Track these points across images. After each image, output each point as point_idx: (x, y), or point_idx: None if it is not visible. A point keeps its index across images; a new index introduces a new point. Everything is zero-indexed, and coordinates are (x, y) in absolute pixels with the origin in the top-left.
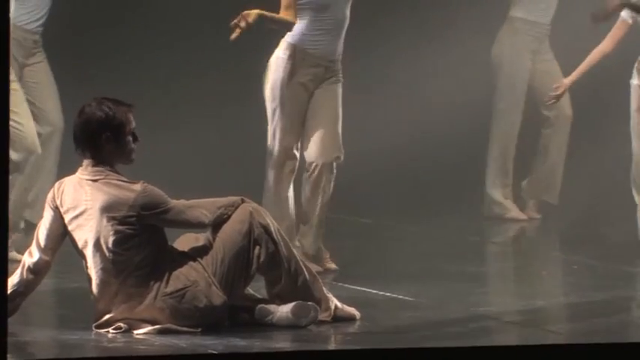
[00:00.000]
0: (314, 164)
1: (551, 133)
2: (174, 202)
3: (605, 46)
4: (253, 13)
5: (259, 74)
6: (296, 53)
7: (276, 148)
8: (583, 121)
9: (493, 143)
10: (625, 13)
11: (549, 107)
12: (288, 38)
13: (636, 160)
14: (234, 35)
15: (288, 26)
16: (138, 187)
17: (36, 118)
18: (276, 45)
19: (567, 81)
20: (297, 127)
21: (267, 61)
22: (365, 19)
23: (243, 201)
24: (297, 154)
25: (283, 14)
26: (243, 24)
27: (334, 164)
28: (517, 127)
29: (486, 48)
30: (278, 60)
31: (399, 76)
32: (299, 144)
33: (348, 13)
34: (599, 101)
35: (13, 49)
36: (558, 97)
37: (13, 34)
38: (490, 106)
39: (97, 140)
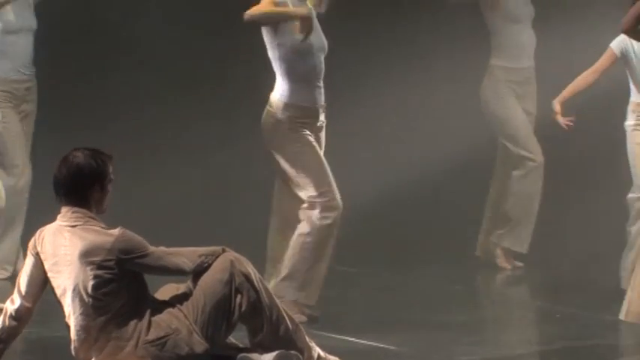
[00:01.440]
0: (314, 202)
1: (523, 177)
2: (153, 249)
3: (590, 75)
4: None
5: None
6: (289, 108)
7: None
8: (562, 167)
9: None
10: (615, 44)
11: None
12: (282, 99)
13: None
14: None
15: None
16: (116, 232)
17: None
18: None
19: (557, 108)
20: (325, 174)
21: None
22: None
23: (224, 250)
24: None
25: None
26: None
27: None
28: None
29: (468, 95)
30: (275, 121)
31: (383, 123)
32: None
33: (323, 65)
34: (582, 146)
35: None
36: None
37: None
38: (470, 153)
39: (88, 190)
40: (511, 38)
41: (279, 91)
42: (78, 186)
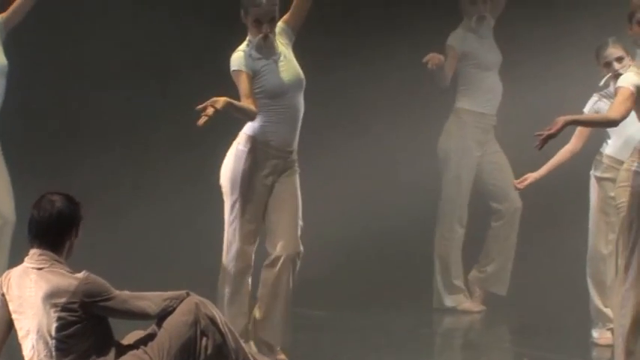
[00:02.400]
0: (277, 257)
1: (501, 225)
2: (118, 292)
3: (574, 145)
4: (222, 101)
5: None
6: (256, 145)
7: (236, 243)
8: (536, 211)
9: (440, 234)
10: (589, 106)
11: (499, 199)
12: (248, 131)
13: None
14: (202, 121)
15: (251, 115)
16: (81, 275)
17: None
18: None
19: (536, 175)
20: (258, 221)
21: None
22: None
23: (188, 294)
24: (254, 249)
25: (245, 102)
26: (211, 111)
27: (298, 258)
28: (464, 219)
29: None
30: (238, 152)
31: (350, 169)
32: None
33: (302, 101)
34: (554, 192)
35: None
36: (520, 189)
37: None
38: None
39: (66, 235)
40: (479, 85)
41: (250, 127)
42: (58, 231)
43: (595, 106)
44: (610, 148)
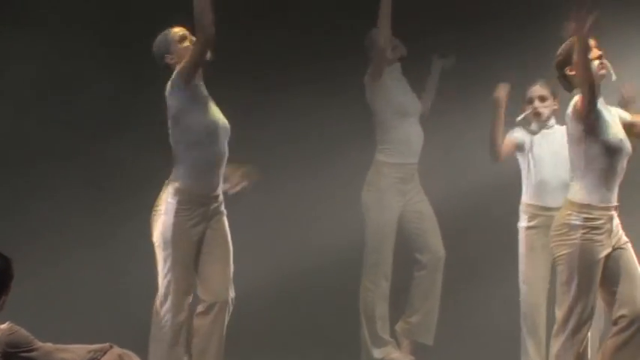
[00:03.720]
0: (211, 305)
1: (424, 275)
2: (41, 344)
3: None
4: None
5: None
6: (185, 196)
7: (171, 295)
8: (463, 260)
9: (365, 287)
10: (513, 133)
11: (421, 249)
12: (176, 183)
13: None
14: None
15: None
16: (4, 326)
17: None
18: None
19: None
20: (192, 271)
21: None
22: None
23: (111, 347)
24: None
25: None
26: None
27: (230, 303)
28: (389, 270)
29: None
30: (168, 205)
31: (282, 212)
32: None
33: (227, 147)
34: (480, 241)
35: None
36: None
37: None
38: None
39: (2, 293)
40: (399, 133)
41: (177, 179)
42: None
43: (518, 137)
44: (526, 195)
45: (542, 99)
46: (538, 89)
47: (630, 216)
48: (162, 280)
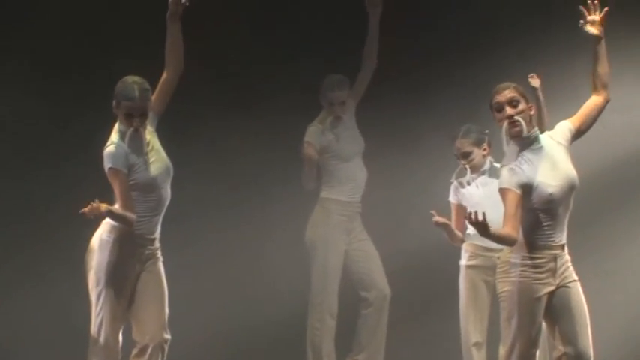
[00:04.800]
0: (145, 346)
1: (369, 313)
2: None
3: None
4: (103, 207)
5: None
6: (120, 234)
7: (103, 334)
8: (409, 299)
9: (311, 325)
10: (452, 195)
11: (367, 288)
12: (112, 221)
13: (465, 343)
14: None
15: (130, 223)
16: None
17: None
18: None
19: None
20: (124, 311)
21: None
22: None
23: None
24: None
25: (124, 204)
26: (92, 216)
27: (165, 345)
28: (334, 308)
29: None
30: (102, 242)
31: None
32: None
33: (169, 190)
34: (427, 278)
35: None
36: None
37: None
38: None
39: None
40: (340, 175)
41: None
42: None
43: (457, 194)
44: (470, 235)
45: (466, 155)
46: (460, 146)
47: None
48: (94, 320)
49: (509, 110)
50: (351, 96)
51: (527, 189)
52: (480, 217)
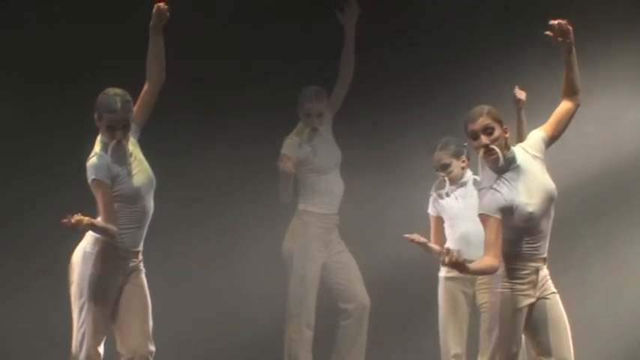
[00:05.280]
0: (129, 359)
1: (349, 325)
2: None
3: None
4: (86, 220)
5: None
6: (104, 247)
7: (84, 347)
8: (389, 312)
9: (289, 336)
10: (431, 207)
11: (346, 299)
12: (98, 236)
13: (444, 354)
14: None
15: (113, 236)
16: None
17: None
18: None
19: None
20: (108, 324)
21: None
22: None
23: None
24: (102, 352)
25: (107, 215)
26: (73, 228)
27: (150, 357)
28: (312, 319)
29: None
30: (85, 255)
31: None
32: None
33: (152, 201)
34: (408, 290)
35: None
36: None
37: None
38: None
39: None
40: (317, 188)
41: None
42: None
43: (436, 206)
44: (447, 244)
45: (445, 167)
46: (439, 158)
47: None
48: (76, 333)
49: (484, 139)
50: (328, 108)
51: (507, 211)
52: (455, 257)
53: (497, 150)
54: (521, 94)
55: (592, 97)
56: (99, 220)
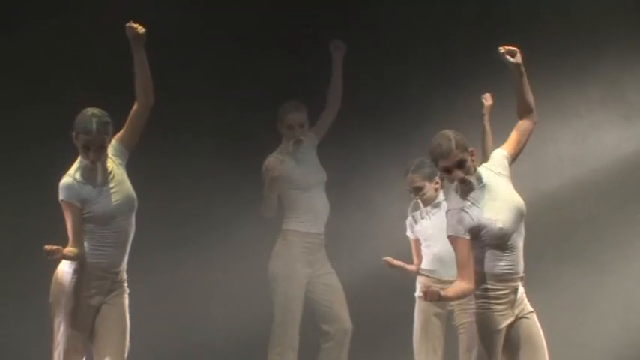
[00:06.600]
0: None
1: (330, 347)
2: None
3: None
4: (59, 254)
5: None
6: (82, 266)
7: None
8: (369, 332)
9: (272, 359)
10: (409, 230)
11: (328, 321)
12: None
13: None
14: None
15: (76, 259)
16: None
17: None
18: None
19: (402, 266)
20: (83, 344)
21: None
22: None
23: None
24: None
25: (74, 238)
26: (54, 256)
27: None
28: (296, 341)
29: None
30: (63, 274)
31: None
32: None
33: (133, 223)
34: (384, 312)
35: None
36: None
37: None
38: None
39: None
40: (301, 206)
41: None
42: None
43: (413, 228)
44: (423, 269)
45: (418, 190)
46: (412, 181)
47: None
48: (54, 351)
49: (459, 173)
50: (314, 131)
51: (475, 230)
52: (432, 297)
53: (472, 180)
54: (487, 100)
55: (565, 117)
56: (67, 249)
